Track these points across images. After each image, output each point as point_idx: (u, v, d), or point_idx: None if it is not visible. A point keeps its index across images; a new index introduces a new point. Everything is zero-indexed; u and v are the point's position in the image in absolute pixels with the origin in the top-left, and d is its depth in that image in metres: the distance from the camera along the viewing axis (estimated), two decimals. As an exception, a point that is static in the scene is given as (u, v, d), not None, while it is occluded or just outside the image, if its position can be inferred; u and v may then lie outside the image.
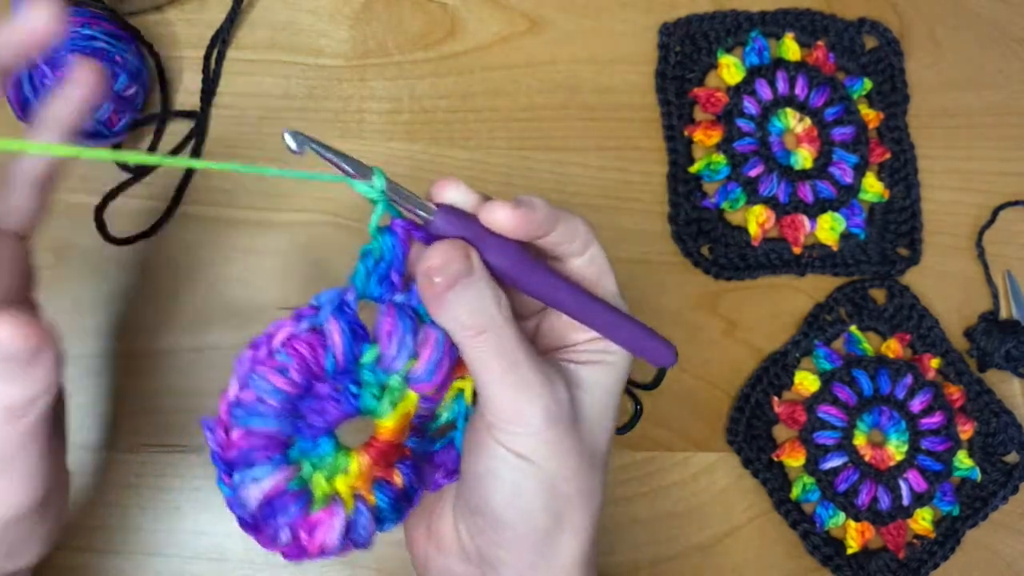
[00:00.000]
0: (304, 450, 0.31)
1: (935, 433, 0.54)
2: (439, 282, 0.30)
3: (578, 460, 0.33)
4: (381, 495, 0.32)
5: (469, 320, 0.30)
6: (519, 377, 0.31)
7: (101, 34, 0.49)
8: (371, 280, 0.31)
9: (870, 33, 0.61)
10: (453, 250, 0.30)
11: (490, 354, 0.31)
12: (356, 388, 0.31)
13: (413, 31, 0.58)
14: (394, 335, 0.30)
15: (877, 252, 0.58)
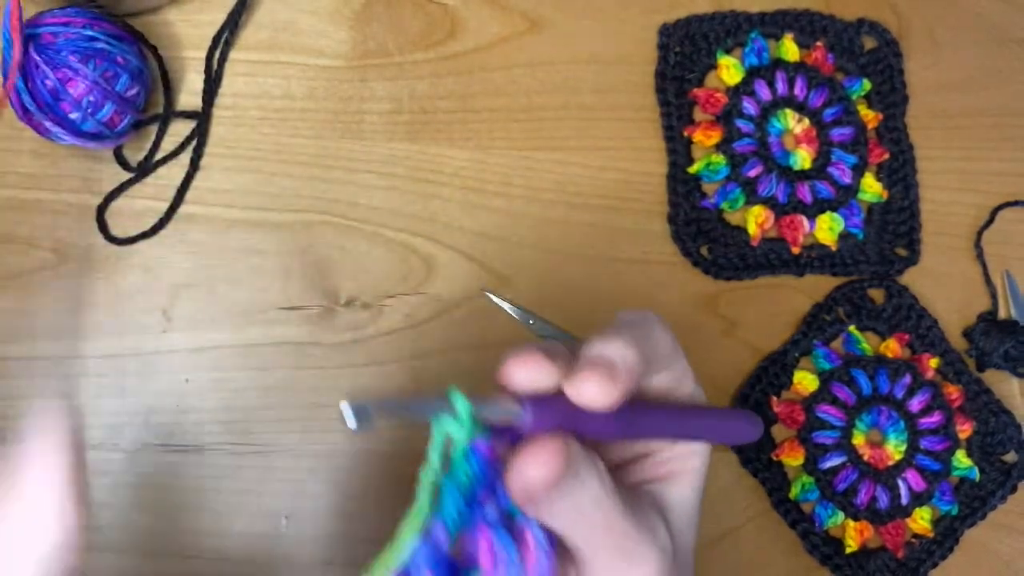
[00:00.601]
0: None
1: (934, 433, 0.54)
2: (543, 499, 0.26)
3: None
4: None
5: (578, 517, 0.27)
6: (628, 545, 0.28)
7: (102, 35, 0.49)
8: (463, 510, 0.27)
9: (869, 34, 0.61)
10: (553, 457, 0.25)
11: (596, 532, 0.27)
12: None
13: (413, 31, 0.58)
14: (499, 560, 0.26)
15: (876, 252, 0.58)
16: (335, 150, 0.55)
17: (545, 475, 0.25)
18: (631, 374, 0.26)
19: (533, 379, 0.26)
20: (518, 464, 0.25)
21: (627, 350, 0.27)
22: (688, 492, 0.31)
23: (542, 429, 0.26)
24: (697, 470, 0.31)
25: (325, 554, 0.50)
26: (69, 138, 0.49)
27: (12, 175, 0.52)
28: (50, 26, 0.48)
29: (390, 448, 0.51)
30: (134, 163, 0.54)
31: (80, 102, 0.48)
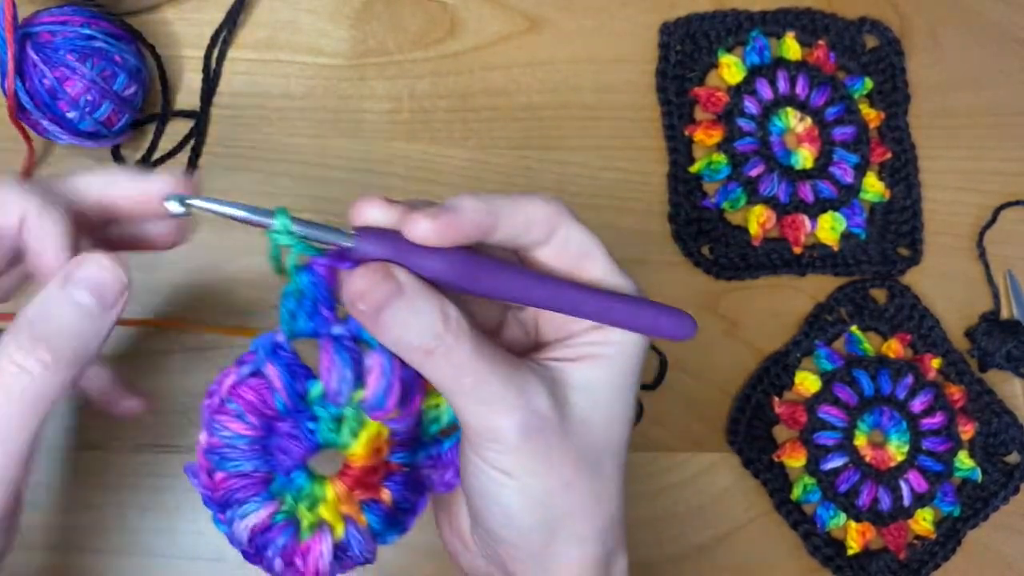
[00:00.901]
0: (283, 484, 0.31)
1: (936, 433, 0.54)
2: (364, 309, 0.28)
3: (573, 469, 0.31)
4: (371, 514, 0.32)
5: (412, 341, 0.28)
6: (486, 392, 0.29)
7: (100, 34, 0.48)
8: (298, 319, 0.30)
9: (871, 32, 0.61)
10: (373, 273, 0.28)
11: (446, 372, 0.29)
12: (312, 424, 0.31)
13: (413, 30, 0.58)
14: (332, 370, 0.29)
15: (878, 252, 0.58)
16: (334, 149, 0.55)
17: (367, 288, 0.28)
18: (465, 224, 0.28)
19: (374, 216, 0.29)
20: (347, 278, 0.28)
21: (468, 203, 0.29)
22: (597, 374, 0.31)
23: (372, 257, 0.29)
24: (610, 356, 0.32)
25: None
26: (67, 137, 0.49)
27: (11, 174, 0.52)
28: (48, 24, 0.48)
29: (390, 449, 0.51)
30: (132, 162, 0.53)
31: (78, 101, 0.48)
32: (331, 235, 0.29)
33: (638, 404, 0.53)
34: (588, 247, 0.32)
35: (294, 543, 0.31)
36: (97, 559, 0.48)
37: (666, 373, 0.54)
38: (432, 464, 0.34)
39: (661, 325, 0.32)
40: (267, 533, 0.30)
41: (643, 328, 0.31)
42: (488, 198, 0.29)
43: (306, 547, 0.31)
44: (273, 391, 0.30)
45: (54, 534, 0.48)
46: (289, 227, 0.29)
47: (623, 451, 0.33)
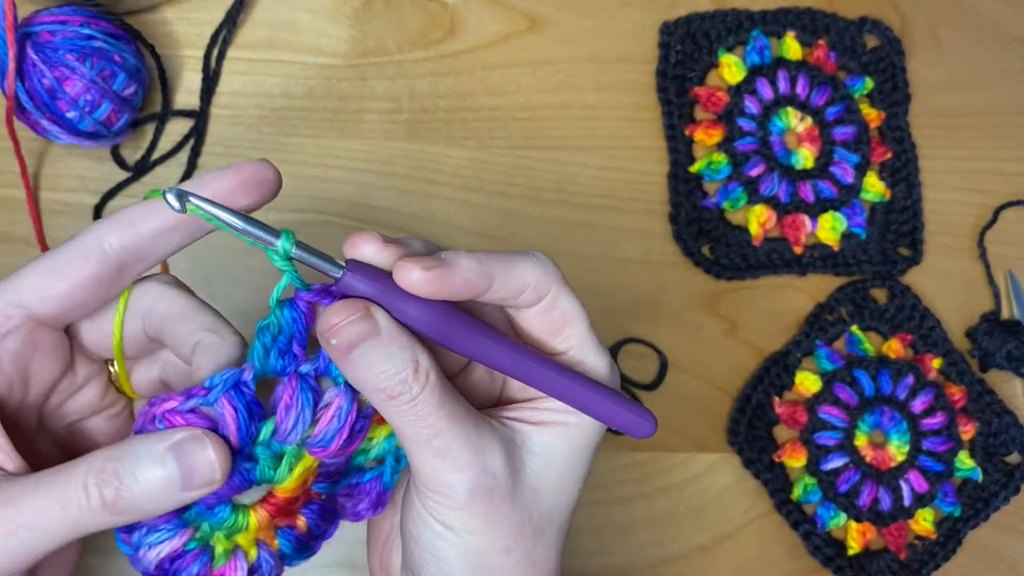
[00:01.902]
0: (200, 514, 0.30)
1: (936, 434, 0.54)
2: (336, 344, 0.28)
3: (516, 534, 0.30)
4: (284, 540, 0.32)
5: (378, 383, 0.28)
6: (442, 445, 0.29)
7: (100, 33, 0.48)
8: (271, 356, 0.29)
9: (871, 32, 0.61)
10: (351, 310, 0.28)
11: (406, 419, 0.29)
12: (249, 464, 0.29)
13: (413, 30, 0.58)
14: (292, 409, 0.29)
15: (878, 252, 0.58)
16: (334, 149, 0.55)
17: (342, 324, 0.27)
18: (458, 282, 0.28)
19: (367, 253, 0.28)
20: (324, 311, 0.28)
21: (465, 261, 0.28)
22: (556, 443, 0.31)
23: (357, 293, 0.28)
24: (570, 427, 0.31)
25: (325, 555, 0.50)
26: (66, 137, 0.49)
27: (9, 175, 0.52)
28: (47, 24, 0.48)
29: (390, 449, 0.51)
30: (131, 162, 0.53)
31: (77, 101, 0.47)
32: (323, 263, 0.28)
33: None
34: (572, 316, 0.31)
35: (207, 571, 0.30)
36: (97, 559, 0.48)
37: (666, 373, 0.54)
38: (348, 493, 0.33)
39: (620, 419, 0.31)
40: (178, 561, 0.30)
41: (601, 417, 0.31)
42: (485, 259, 0.29)
43: (219, 573, 0.30)
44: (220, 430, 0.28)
45: (53, 534, 0.48)
46: (290, 252, 0.28)
47: (568, 520, 0.32)
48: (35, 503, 0.27)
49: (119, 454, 0.27)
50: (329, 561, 0.50)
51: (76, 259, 0.29)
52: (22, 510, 0.27)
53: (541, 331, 0.31)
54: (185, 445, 0.27)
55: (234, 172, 0.31)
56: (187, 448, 0.27)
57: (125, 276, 0.30)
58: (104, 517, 0.27)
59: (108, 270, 0.29)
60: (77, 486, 0.27)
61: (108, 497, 0.27)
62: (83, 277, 0.29)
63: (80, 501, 0.27)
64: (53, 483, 0.27)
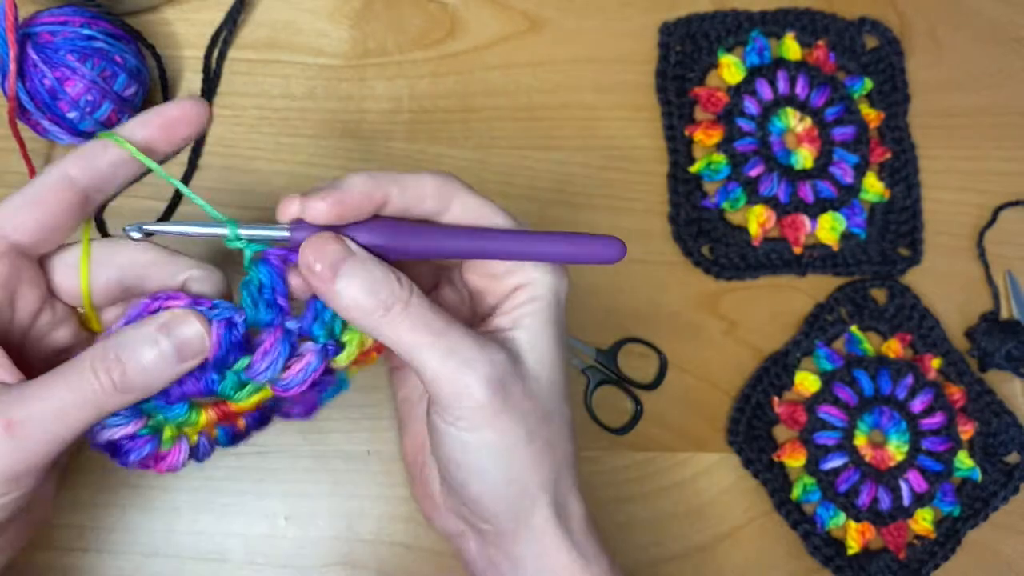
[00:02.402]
0: (158, 407, 0.33)
1: (936, 433, 0.54)
2: (321, 270, 0.30)
3: (532, 420, 0.33)
4: (222, 433, 0.35)
5: (369, 300, 0.31)
6: (448, 344, 0.31)
7: (100, 34, 0.48)
8: (260, 308, 0.32)
9: (871, 33, 0.61)
10: (322, 240, 0.30)
11: (407, 328, 0.31)
12: (216, 376, 0.32)
13: (413, 31, 0.58)
14: (268, 356, 0.32)
15: (878, 252, 0.58)
16: (335, 150, 0.55)
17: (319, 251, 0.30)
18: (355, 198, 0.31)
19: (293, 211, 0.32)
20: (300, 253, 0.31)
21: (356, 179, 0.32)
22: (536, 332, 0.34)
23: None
24: (538, 308, 0.34)
25: (325, 554, 0.50)
26: (67, 137, 0.49)
27: (11, 175, 0.52)
28: (48, 25, 0.48)
29: (390, 449, 0.51)
30: (133, 163, 0.53)
31: (78, 101, 0.48)
32: (271, 231, 0.32)
33: (638, 404, 0.53)
34: (485, 210, 0.34)
35: (154, 451, 0.33)
36: (97, 559, 0.48)
37: (666, 373, 0.54)
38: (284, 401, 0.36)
39: (585, 251, 0.33)
40: (130, 442, 0.33)
41: (571, 256, 0.33)
42: (377, 175, 0.32)
43: (164, 454, 0.33)
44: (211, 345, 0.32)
45: (55, 534, 0.48)
46: (238, 234, 0.32)
47: (566, 404, 0.35)
48: (55, 394, 0.30)
49: (117, 342, 0.30)
50: (329, 561, 0.50)
51: (47, 190, 0.32)
52: (45, 401, 0.29)
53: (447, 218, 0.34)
54: (172, 324, 0.31)
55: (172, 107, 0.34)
56: (175, 325, 0.31)
57: (89, 204, 0.33)
58: (117, 397, 0.30)
59: (76, 198, 0.32)
60: (87, 373, 0.30)
61: (116, 379, 0.30)
62: (55, 205, 0.32)
63: (94, 386, 0.30)
64: (65, 377, 0.30)
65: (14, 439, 0.29)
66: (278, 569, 0.49)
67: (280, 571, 0.49)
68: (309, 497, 0.50)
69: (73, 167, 0.32)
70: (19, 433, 0.29)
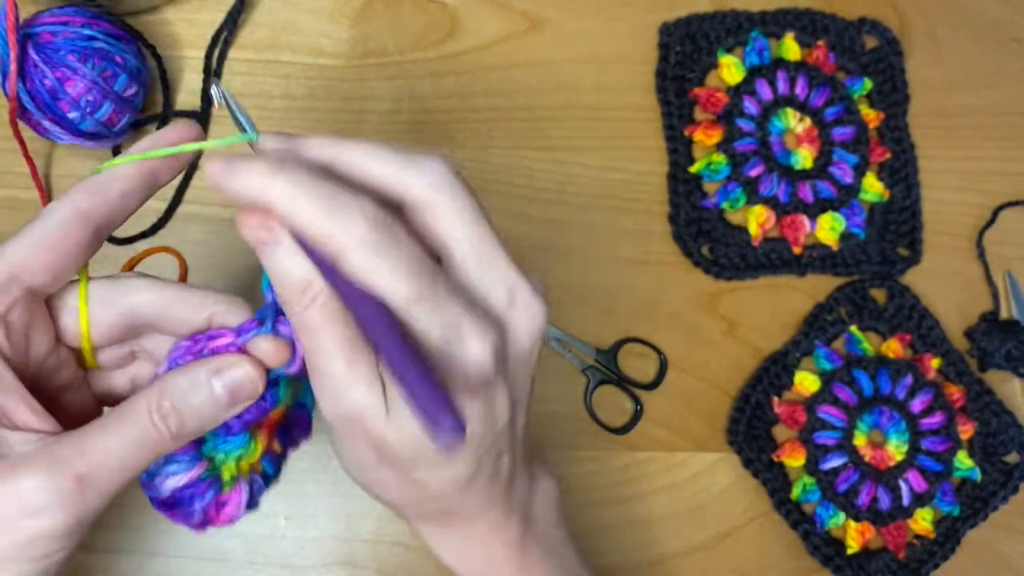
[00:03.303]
0: (216, 445, 0.33)
1: (935, 433, 0.54)
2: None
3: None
4: (267, 464, 0.35)
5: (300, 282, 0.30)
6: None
7: (101, 34, 0.49)
8: None
9: (870, 33, 0.61)
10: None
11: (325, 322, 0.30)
12: (273, 388, 0.33)
13: (413, 31, 0.58)
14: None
15: (877, 252, 0.58)
16: (335, 150, 0.55)
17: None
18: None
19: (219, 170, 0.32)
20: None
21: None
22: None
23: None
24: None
25: (325, 554, 0.50)
26: (68, 138, 0.49)
27: (11, 175, 0.52)
28: (48, 25, 0.48)
29: (390, 449, 0.51)
30: (133, 163, 0.53)
31: (78, 101, 0.48)
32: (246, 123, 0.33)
33: (638, 404, 0.53)
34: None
35: (215, 497, 0.33)
36: (97, 558, 0.48)
37: (666, 373, 0.54)
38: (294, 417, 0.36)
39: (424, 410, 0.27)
40: (192, 489, 0.32)
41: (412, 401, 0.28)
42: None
43: (225, 499, 0.33)
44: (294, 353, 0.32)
45: (55, 534, 0.48)
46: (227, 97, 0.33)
47: None
48: (118, 445, 0.30)
49: (169, 390, 0.30)
50: (329, 560, 0.50)
51: (61, 230, 0.31)
52: (109, 454, 0.29)
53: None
54: (224, 369, 0.31)
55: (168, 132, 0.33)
56: (227, 370, 0.31)
57: (99, 239, 0.32)
58: (173, 444, 0.31)
59: (88, 235, 0.31)
60: (147, 424, 0.30)
61: (174, 428, 0.30)
62: (70, 246, 0.31)
63: (154, 435, 0.30)
64: (126, 426, 0.30)
65: (83, 493, 0.29)
66: (278, 569, 0.49)
67: (280, 571, 0.49)
68: (309, 497, 0.50)
69: (84, 200, 0.31)
70: (89, 486, 0.29)
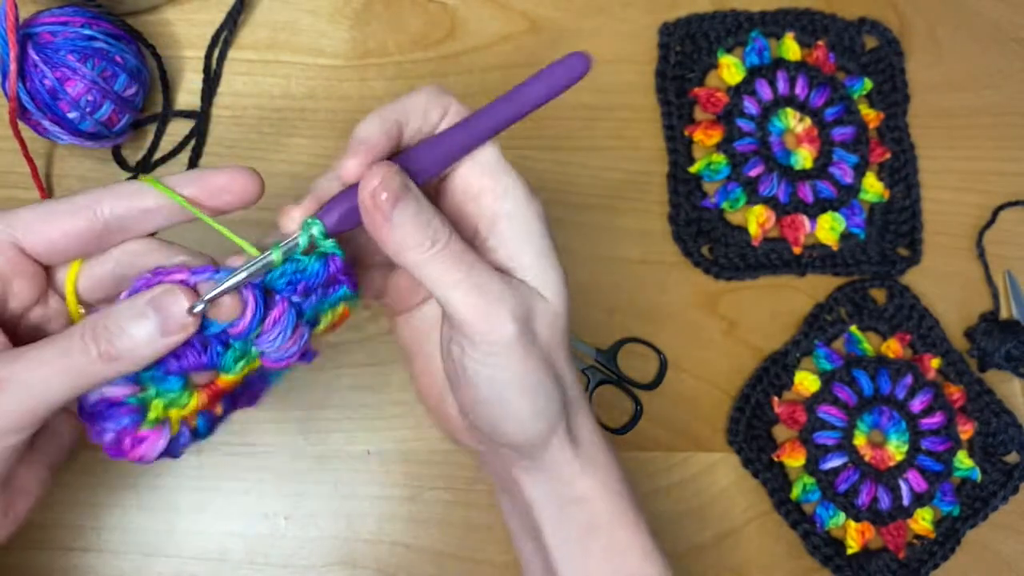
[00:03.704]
0: (153, 377, 0.33)
1: (935, 433, 0.54)
2: (386, 198, 0.31)
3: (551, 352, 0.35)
4: (202, 421, 0.35)
5: (420, 234, 0.32)
6: (480, 279, 0.32)
7: (101, 34, 0.49)
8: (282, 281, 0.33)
9: (870, 33, 0.61)
10: (390, 171, 0.31)
11: (447, 263, 0.32)
12: (221, 348, 0.33)
13: (413, 31, 0.58)
14: (278, 325, 0.33)
15: (877, 252, 0.58)
16: (335, 150, 0.55)
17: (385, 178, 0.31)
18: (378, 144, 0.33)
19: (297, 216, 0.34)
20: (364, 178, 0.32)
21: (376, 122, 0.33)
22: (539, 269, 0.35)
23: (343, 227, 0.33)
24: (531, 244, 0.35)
25: (325, 554, 0.50)
26: (68, 138, 0.49)
27: (12, 175, 0.52)
28: (48, 25, 0.48)
29: (390, 449, 0.51)
30: (133, 163, 0.54)
31: (78, 101, 0.48)
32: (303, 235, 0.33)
33: (638, 404, 0.53)
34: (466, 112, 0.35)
35: (134, 427, 0.33)
36: (97, 558, 0.48)
37: (666, 373, 0.54)
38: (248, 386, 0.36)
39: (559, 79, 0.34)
40: (115, 408, 0.32)
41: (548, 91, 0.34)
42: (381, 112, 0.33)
43: (143, 435, 0.33)
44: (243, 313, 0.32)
45: (55, 534, 0.48)
46: (280, 258, 0.33)
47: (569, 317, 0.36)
48: (44, 359, 0.30)
49: (108, 313, 0.31)
50: (329, 560, 0.50)
51: (70, 212, 0.32)
52: (32, 367, 0.30)
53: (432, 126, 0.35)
54: (161, 298, 0.31)
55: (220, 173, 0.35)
56: (163, 300, 0.31)
57: (107, 240, 0.33)
58: (103, 367, 0.31)
59: (94, 231, 0.33)
60: (76, 340, 0.30)
61: (103, 349, 0.30)
62: (72, 230, 0.32)
63: (80, 353, 0.30)
64: (56, 344, 0.31)
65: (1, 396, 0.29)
66: (278, 569, 0.49)
67: (280, 571, 0.49)
68: (309, 497, 0.50)
69: (105, 203, 0.32)
70: (5, 390, 0.30)
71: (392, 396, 0.52)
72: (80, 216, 0.32)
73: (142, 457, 0.33)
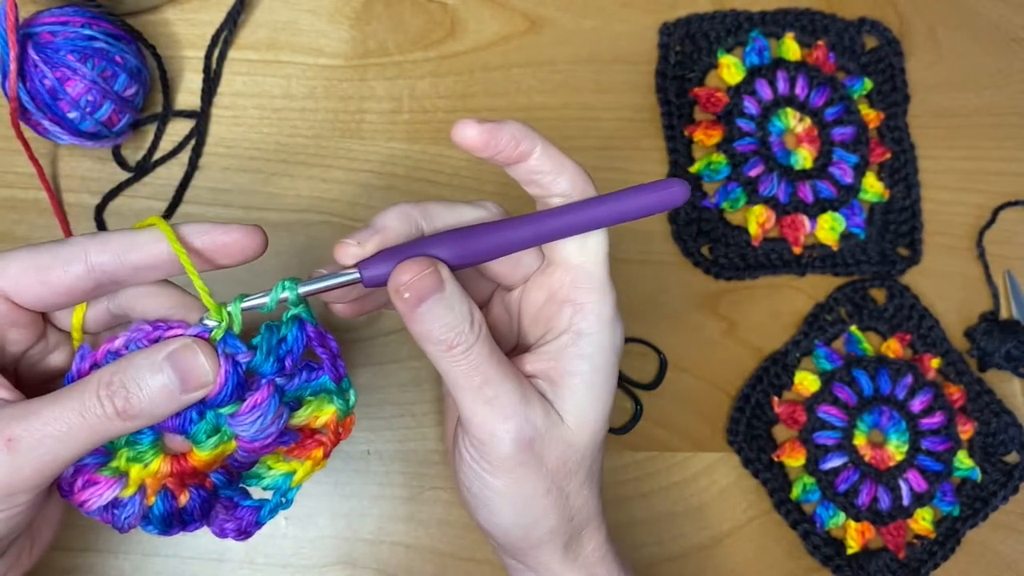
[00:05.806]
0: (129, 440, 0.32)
1: (935, 433, 0.54)
2: (409, 297, 0.31)
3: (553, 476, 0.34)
4: (159, 502, 0.33)
5: (439, 335, 0.32)
6: (491, 392, 0.32)
7: (101, 34, 0.48)
8: (269, 359, 0.33)
9: (870, 33, 0.61)
10: (419, 265, 0.31)
11: (461, 369, 0.32)
12: (197, 418, 0.32)
13: (413, 31, 0.58)
14: (257, 410, 0.32)
15: (877, 252, 0.58)
16: (334, 150, 0.55)
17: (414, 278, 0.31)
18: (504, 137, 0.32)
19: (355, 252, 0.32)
20: (395, 270, 0.31)
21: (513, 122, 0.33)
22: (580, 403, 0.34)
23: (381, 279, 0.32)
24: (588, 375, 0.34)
25: (325, 554, 0.50)
26: (68, 138, 0.49)
27: (11, 175, 0.52)
28: (48, 25, 0.48)
29: (389, 449, 0.51)
30: (133, 163, 0.54)
31: (78, 101, 0.48)
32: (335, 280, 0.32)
33: (638, 404, 0.53)
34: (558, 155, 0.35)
35: (93, 468, 0.32)
36: (97, 558, 0.48)
37: (665, 373, 0.54)
38: (226, 507, 0.35)
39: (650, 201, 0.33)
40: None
41: (634, 211, 0.34)
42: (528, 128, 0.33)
43: (96, 479, 0.32)
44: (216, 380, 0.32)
45: (55, 534, 0.48)
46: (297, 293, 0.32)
47: (598, 455, 0.36)
48: (58, 414, 0.29)
49: (123, 367, 0.30)
50: (329, 560, 0.50)
51: (59, 266, 0.32)
52: (47, 421, 0.29)
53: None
54: (179, 353, 0.30)
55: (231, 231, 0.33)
56: (181, 355, 0.30)
57: (98, 293, 0.33)
58: (119, 424, 0.30)
59: (85, 286, 0.32)
60: (92, 397, 0.30)
61: (120, 406, 0.30)
62: (61, 285, 0.32)
63: (97, 411, 0.30)
64: (70, 398, 0.30)
65: (12, 455, 0.29)
66: (278, 569, 0.49)
67: (280, 571, 0.49)
68: (309, 497, 0.50)
69: (100, 253, 0.31)
70: (18, 450, 0.29)
71: (392, 396, 0.52)
72: (71, 272, 0.31)
73: (84, 502, 0.32)
